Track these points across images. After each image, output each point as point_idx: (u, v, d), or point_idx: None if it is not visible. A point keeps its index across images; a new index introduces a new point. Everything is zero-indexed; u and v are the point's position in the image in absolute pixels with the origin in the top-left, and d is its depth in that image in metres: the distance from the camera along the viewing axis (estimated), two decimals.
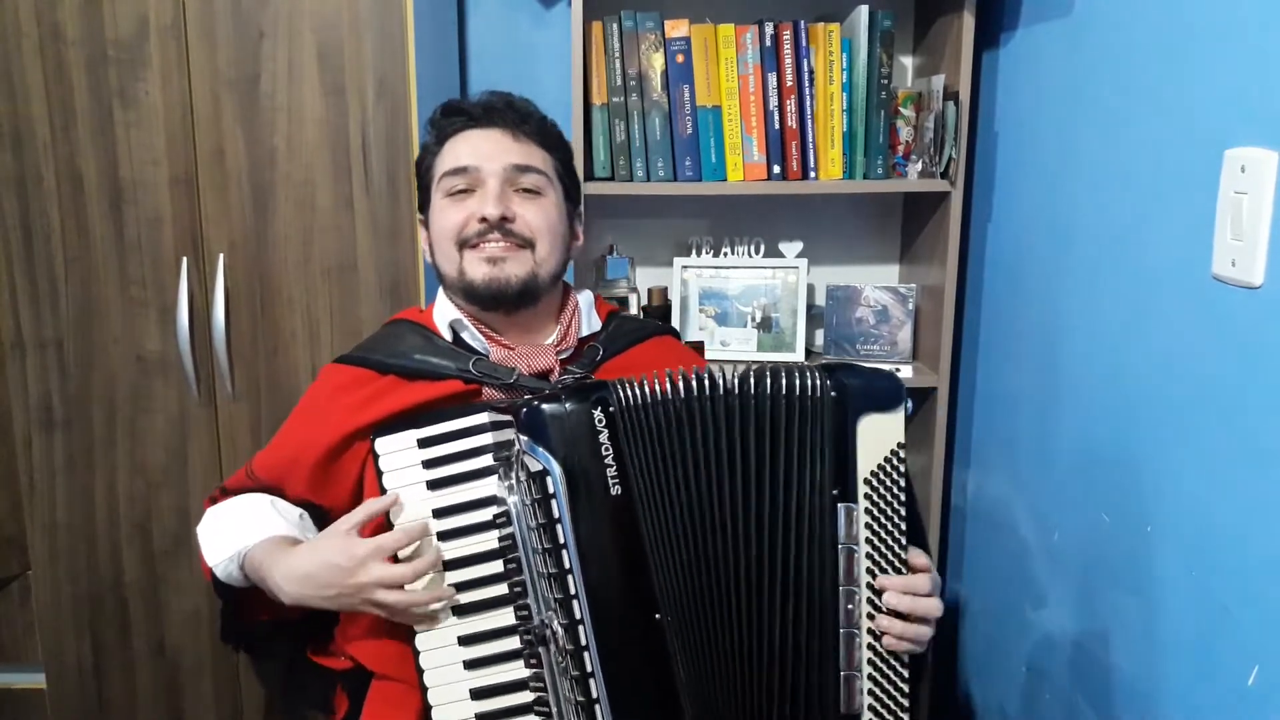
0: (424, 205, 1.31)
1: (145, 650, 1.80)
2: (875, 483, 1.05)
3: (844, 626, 1.05)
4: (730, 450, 1.04)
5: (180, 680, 1.81)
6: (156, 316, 1.69)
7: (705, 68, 1.80)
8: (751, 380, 1.05)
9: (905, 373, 1.89)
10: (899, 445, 1.05)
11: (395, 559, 1.09)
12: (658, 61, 1.79)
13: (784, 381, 1.05)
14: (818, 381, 1.05)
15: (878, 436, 1.05)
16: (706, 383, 1.05)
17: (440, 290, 1.32)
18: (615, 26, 1.77)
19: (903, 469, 1.06)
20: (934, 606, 1.06)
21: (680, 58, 1.79)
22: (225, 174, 1.64)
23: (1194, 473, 1.12)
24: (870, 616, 1.05)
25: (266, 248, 1.67)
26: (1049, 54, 1.53)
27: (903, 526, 1.06)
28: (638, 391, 1.05)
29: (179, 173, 1.65)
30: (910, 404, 1.08)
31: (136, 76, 1.62)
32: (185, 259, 1.67)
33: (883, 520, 1.05)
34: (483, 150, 1.24)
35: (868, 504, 1.05)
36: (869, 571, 1.05)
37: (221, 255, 1.66)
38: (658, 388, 1.05)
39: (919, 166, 1.83)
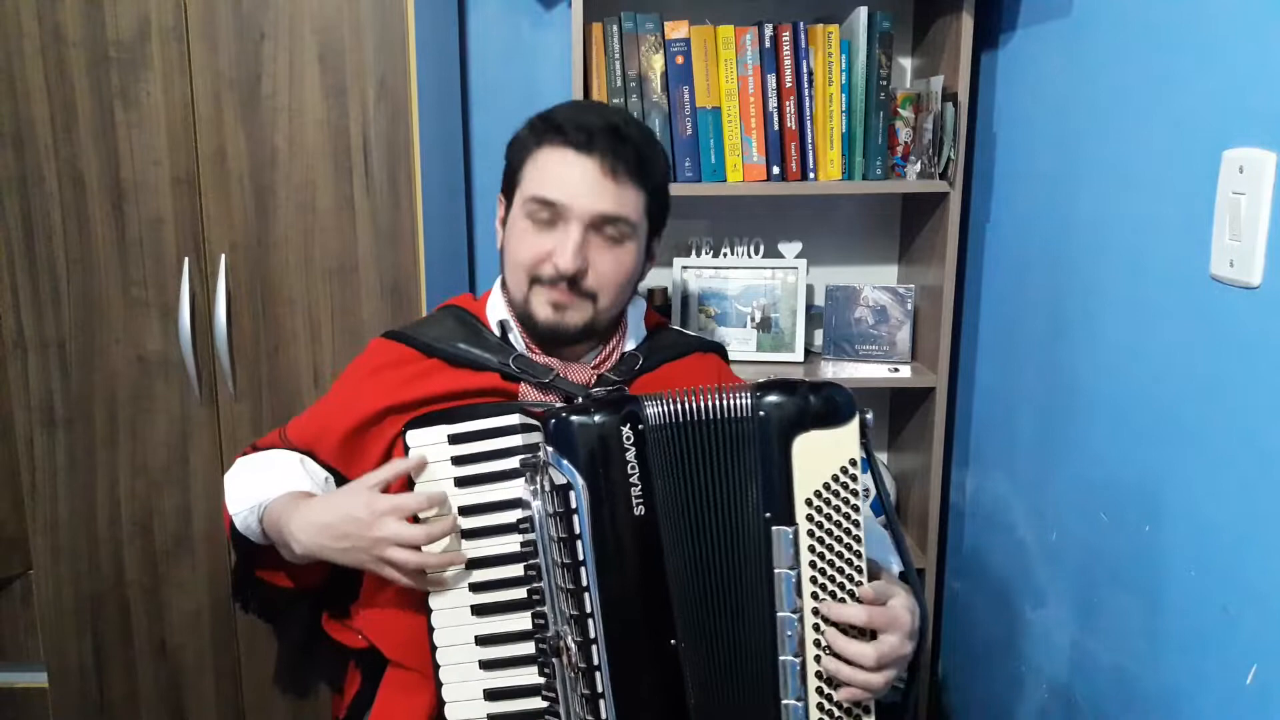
0: (508, 188, 1.26)
1: (147, 649, 1.80)
2: (819, 503, 0.99)
3: (782, 655, 1.00)
4: (701, 474, 1.03)
5: (182, 679, 1.82)
6: (158, 316, 1.69)
7: (705, 69, 1.80)
8: (694, 403, 1.03)
9: (904, 373, 1.90)
10: (850, 462, 0.99)
11: (416, 522, 1.09)
12: (657, 63, 1.80)
13: (716, 403, 1.02)
14: (745, 402, 1.01)
15: (820, 455, 0.99)
16: (700, 404, 1.03)
17: (498, 284, 1.31)
18: (615, 28, 1.78)
19: (855, 488, 1.00)
20: (867, 654, 0.99)
21: (680, 59, 1.79)
22: (226, 174, 1.65)
23: (1192, 472, 1.13)
24: (818, 644, 1.00)
25: (268, 248, 1.67)
26: (1048, 55, 1.53)
27: (857, 548, 1.00)
28: (670, 408, 1.02)
29: (180, 173, 1.65)
30: (869, 415, 1.01)
31: (138, 77, 1.62)
32: (187, 259, 1.67)
33: (830, 542, 1.00)
34: (574, 187, 1.17)
35: (811, 526, 1.00)
36: (814, 597, 1.00)
37: (223, 255, 1.67)
38: (689, 405, 1.02)
39: (918, 167, 1.84)
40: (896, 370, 1.91)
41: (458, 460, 1.10)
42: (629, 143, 1.19)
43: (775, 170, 1.82)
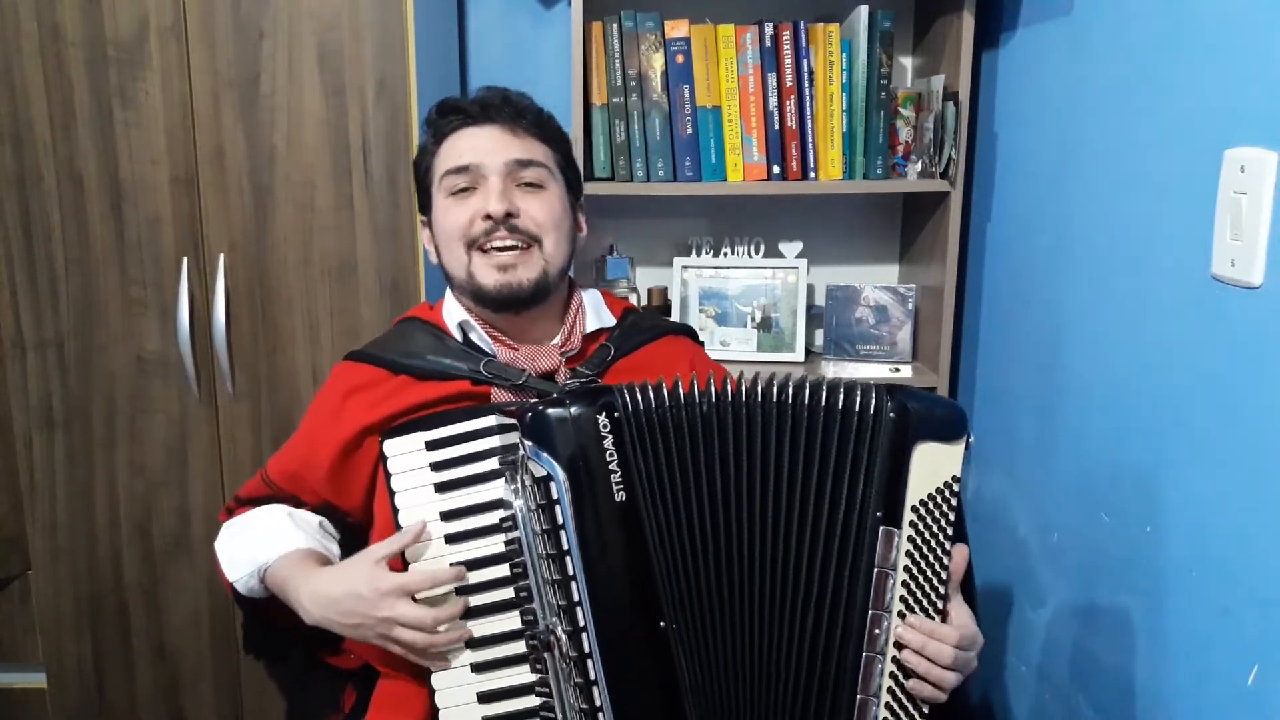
0: (425, 206, 1.31)
1: (145, 650, 1.80)
2: (924, 512, 1.02)
3: (866, 650, 1.02)
4: (758, 458, 1.03)
5: (180, 680, 1.81)
6: (157, 316, 1.69)
7: (705, 68, 1.80)
8: (792, 390, 1.03)
9: (905, 372, 1.90)
10: (953, 479, 1.02)
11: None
12: (658, 62, 1.79)
13: (840, 396, 1.03)
14: (876, 400, 1.02)
15: (932, 466, 1.02)
16: (723, 389, 1.04)
17: (449, 289, 1.32)
18: (615, 27, 1.77)
19: (955, 503, 1.03)
20: (950, 659, 1.02)
21: (680, 58, 1.79)
22: (225, 174, 1.64)
23: (1193, 472, 1.12)
24: (898, 646, 1.02)
25: (267, 247, 1.67)
26: (1049, 54, 1.53)
27: (945, 562, 1.03)
28: (645, 396, 1.03)
29: (179, 173, 1.65)
30: (972, 437, 1.05)
31: (136, 76, 1.62)
32: (185, 259, 1.67)
33: (925, 552, 1.02)
34: (482, 147, 1.23)
35: (912, 532, 1.02)
36: (902, 601, 1.02)
37: (222, 255, 1.66)
38: (664, 393, 1.04)
39: (919, 167, 1.84)
40: (897, 370, 1.91)
41: (436, 466, 1.11)
42: (523, 108, 1.27)
43: (776, 169, 1.82)
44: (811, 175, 1.83)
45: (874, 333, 1.96)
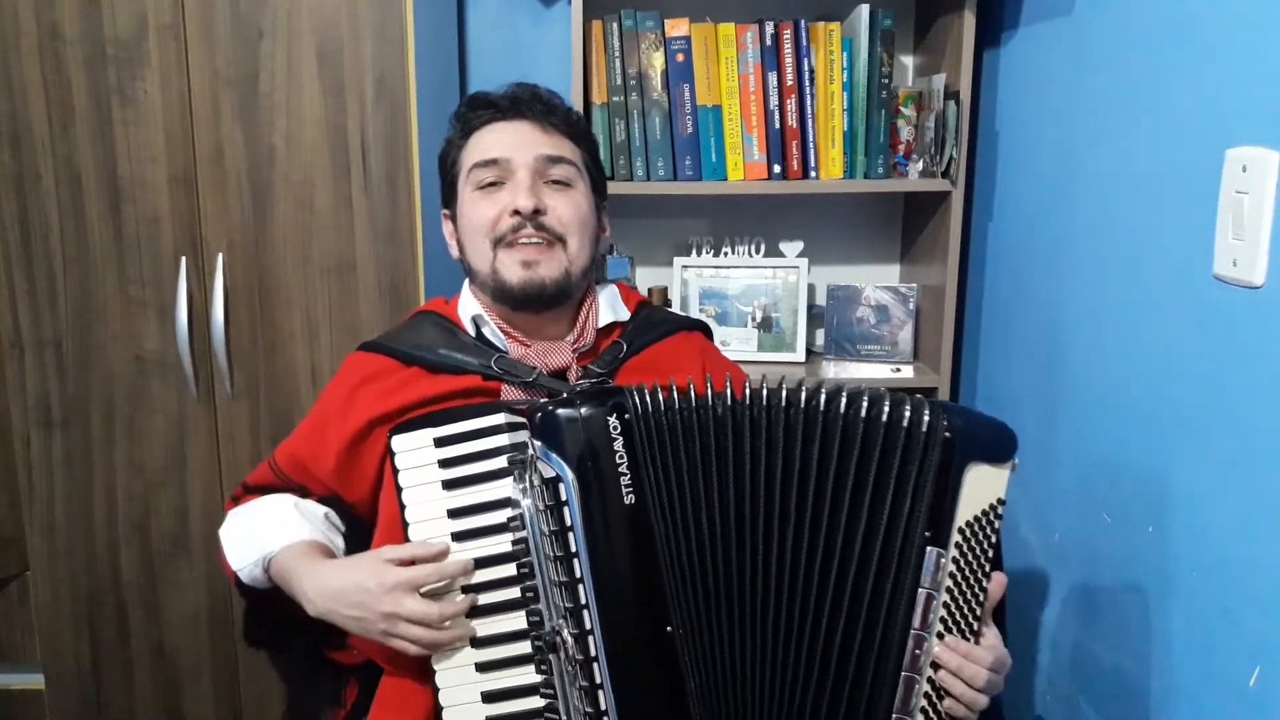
0: (449, 200, 1.30)
1: (144, 650, 1.80)
2: (969, 534, 1.01)
3: (905, 670, 1.01)
4: (779, 466, 1.01)
5: (179, 680, 1.81)
6: (155, 316, 1.69)
7: (705, 67, 1.79)
8: (825, 398, 1.02)
9: (906, 372, 1.89)
10: (999, 501, 1.02)
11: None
12: (658, 61, 1.79)
13: (885, 409, 1.01)
14: (930, 418, 1.00)
15: (981, 488, 1.01)
16: (742, 394, 1.02)
17: (466, 283, 1.32)
18: (615, 26, 1.77)
19: (998, 525, 1.02)
20: (985, 681, 1.02)
21: (680, 57, 1.78)
22: (224, 173, 1.64)
23: (1195, 473, 1.12)
24: (934, 667, 1.01)
25: (265, 247, 1.66)
26: (1050, 53, 1.53)
27: (985, 584, 1.02)
28: (656, 398, 1.02)
29: (178, 172, 1.64)
30: (1017, 461, 1.03)
31: (135, 75, 1.61)
32: (184, 258, 1.66)
33: (967, 574, 1.02)
34: (512, 141, 1.23)
35: (957, 553, 1.01)
36: (942, 621, 1.01)
37: (220, 254, 1.66)
38: (677, 395, 1.02)
39: (920, 166, 1.83)
40: (899, 370, 1.91)
41: (444, 463, 1.10)
42: (554, 105, 1.26)
43: (776, 169, 1.82)
44: (812, 174, 1.82)
45: (875, 332, 1.95)
